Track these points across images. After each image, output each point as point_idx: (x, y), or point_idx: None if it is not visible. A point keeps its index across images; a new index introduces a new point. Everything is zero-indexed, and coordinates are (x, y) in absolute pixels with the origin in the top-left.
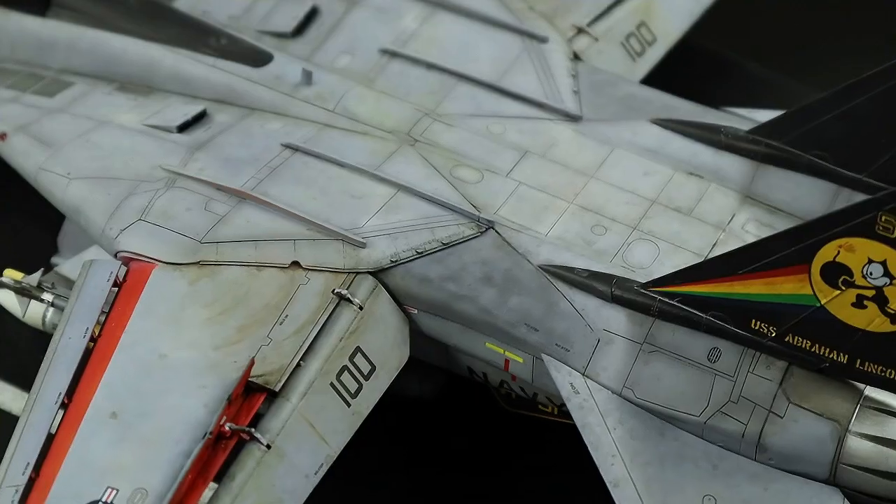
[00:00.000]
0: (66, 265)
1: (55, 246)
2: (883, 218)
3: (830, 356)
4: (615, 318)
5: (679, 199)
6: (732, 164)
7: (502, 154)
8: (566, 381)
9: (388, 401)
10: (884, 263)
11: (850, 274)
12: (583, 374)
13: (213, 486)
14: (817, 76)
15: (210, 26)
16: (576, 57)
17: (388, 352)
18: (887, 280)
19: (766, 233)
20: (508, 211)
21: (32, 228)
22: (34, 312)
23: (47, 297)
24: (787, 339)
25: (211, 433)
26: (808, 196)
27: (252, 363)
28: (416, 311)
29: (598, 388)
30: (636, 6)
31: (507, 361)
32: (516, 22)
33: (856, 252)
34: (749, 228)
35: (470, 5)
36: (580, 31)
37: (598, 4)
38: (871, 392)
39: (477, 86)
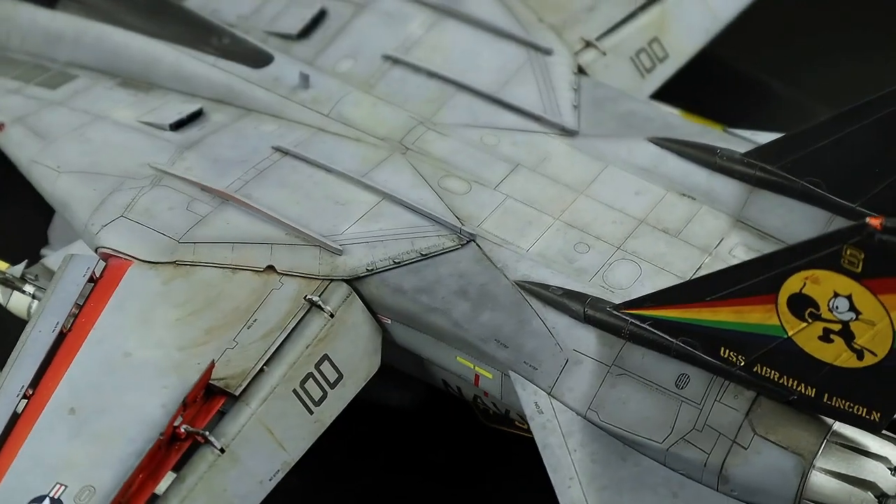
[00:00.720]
0: (53, 257)
1: (46, 237)
2: (848, 251)
3: (798, 389)
4: (585, 339)
5: (668, 219)
6: (725, 187)
7: (493, 166)
8: (531, 400)
9: (368, 409)
10: (849, 298)
11: (817, 307)
12: (548, 394)
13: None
14: (840, 98)
15: (214, 25)
16: (581, 71)
17: (358, 361)
18: (853, 315)
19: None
20: (492, 224)
21: (27, 219)
22: (18, 303)
23: (29, 288)
24: (755, 370)
25: (162, 434)
26: (801, 223)
27: (212, 366)
28: (389, 322)
29: (563, 409)
30: (649, 22)
31: (477, 376)
32: (522, 33)
33: (822, 285)
34: (737, 253)
35: (478, 14)
36: (588, 44)
37: (610, 18)
38: (840, 428)
39: (475, 96)
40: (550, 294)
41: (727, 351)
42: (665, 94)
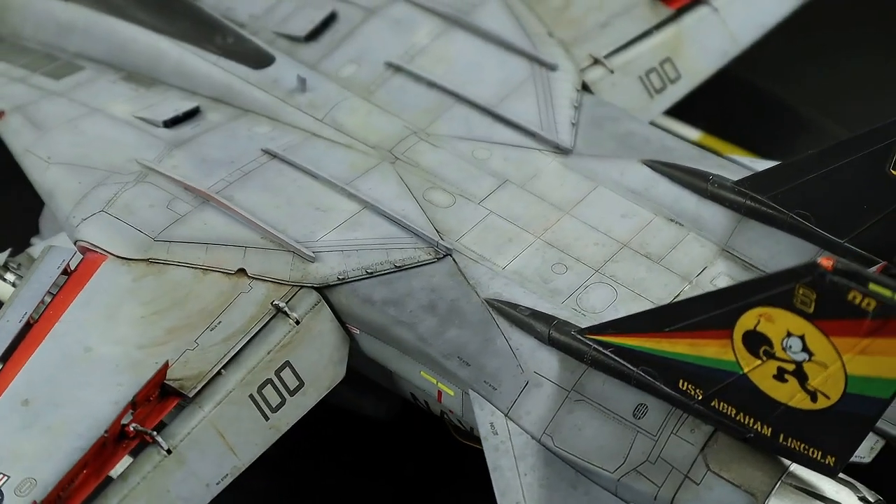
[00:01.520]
0: (38, 247)
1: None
2: (801, 291)
3: (755, 427)
4: (548, 362)
5: (652, 244)
6: (714, 215)
7: (480, 180)
8: (487, 420)
9: (342, 416)
10: (802, 338)
11: (771, 345)
12: (506, 416)
13: None
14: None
15: (220, 23)
16: (585, 88)
17: (321, 370)
18: (806, 356)
19: None
20: (471, 239)
21: (24, 207)
22: (2, 291)
23: (10, 277)
24: (713, 404)
25: (107, 432)
26: (787, 256)
27: (166, 366)
28: (358, 332)
29: (519, 432)
30: (663, 41)
31: (440, 393)
32: (529, 47)
33: (775, 323)
34: (718, 283)
35: (487, 26)
36: (596, 61)
37: (622, 36)
38: (797, 469)
39: (473, 108)
40: (518, 314)
41: (685, 383)
42: (689, 114)
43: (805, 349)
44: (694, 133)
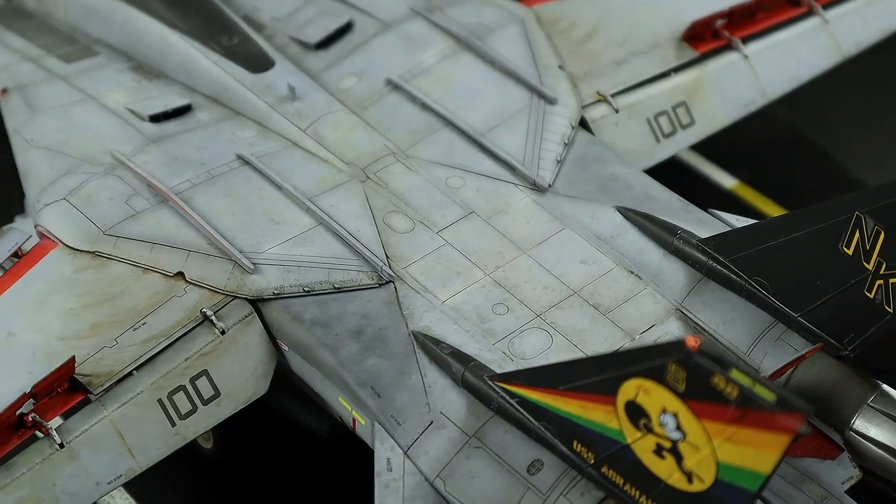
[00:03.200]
0: (14, 226)
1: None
2: (673, 367)
3: (640, 500)
4: (456, 404)
5: (605, 295)
6: (675, 272)
7: (446, 209)
8: (385, 456)
9: (283, 429)
10: (676, 416)
11: (649, 419)
12: (404, 453)
13: None
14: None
15: (231, 23)
16: (584, 125)
17: (241, 382)
18: (680, 435)
19: None
20: (419, 269)
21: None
22: None
23: None
24: (603, 470)
25: None
26: (740, 323)
27: (71, 361)
28: (286, 349)
29: (414, 472)
30: (681, 84)
31: (354, 420)
32: (533, 78)
33: (652, 397)
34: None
35: (497, 51)
36: (602, 98)
37: (636, 75)
38: None
39: (459, 134)
40: (439, 351)
41: (579, 445)
42: (731, 163)
43: (679, 428)
44: (730, 181)
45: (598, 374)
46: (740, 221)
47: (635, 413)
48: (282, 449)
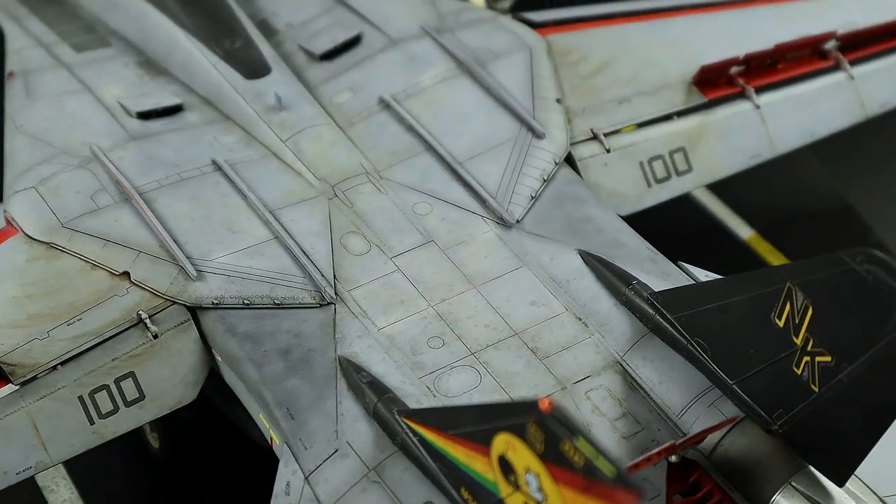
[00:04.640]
0: None
1: None
2: (532, 427)
3: None
4: (363, 435)
5: (546, 340)
6: (622, 323)
7: (406, 235)
8: (285, 479)
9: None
10: (538, 477)
11: (517, 476)
12: (305, 479)
13: None
14: None
15: (236, 25)
16: (570, 163)
17: (168, 388)
18: (541, 497)
19: (608, 406)
20: (363, 293)
21: None
22: None
23: None
24: None
25: None
26: (677, 383)
27: None
28: (219, 359)
29: (311, 498)
30: (682, 130)
31: (271, 439)
32: (525, 109)
33: (518, 454)
34: (592, 396)
35: (496, 79)
36: (594, 136)
37: (636, 115)
38: None
39: (438, 160)
40: (358, 379)
41: (466, 492)
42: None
43: (541, 489)
44: (746, 231)
45: (476, 424)
46: (708, 277)
47: (506, 468)
48: (230, 454)
